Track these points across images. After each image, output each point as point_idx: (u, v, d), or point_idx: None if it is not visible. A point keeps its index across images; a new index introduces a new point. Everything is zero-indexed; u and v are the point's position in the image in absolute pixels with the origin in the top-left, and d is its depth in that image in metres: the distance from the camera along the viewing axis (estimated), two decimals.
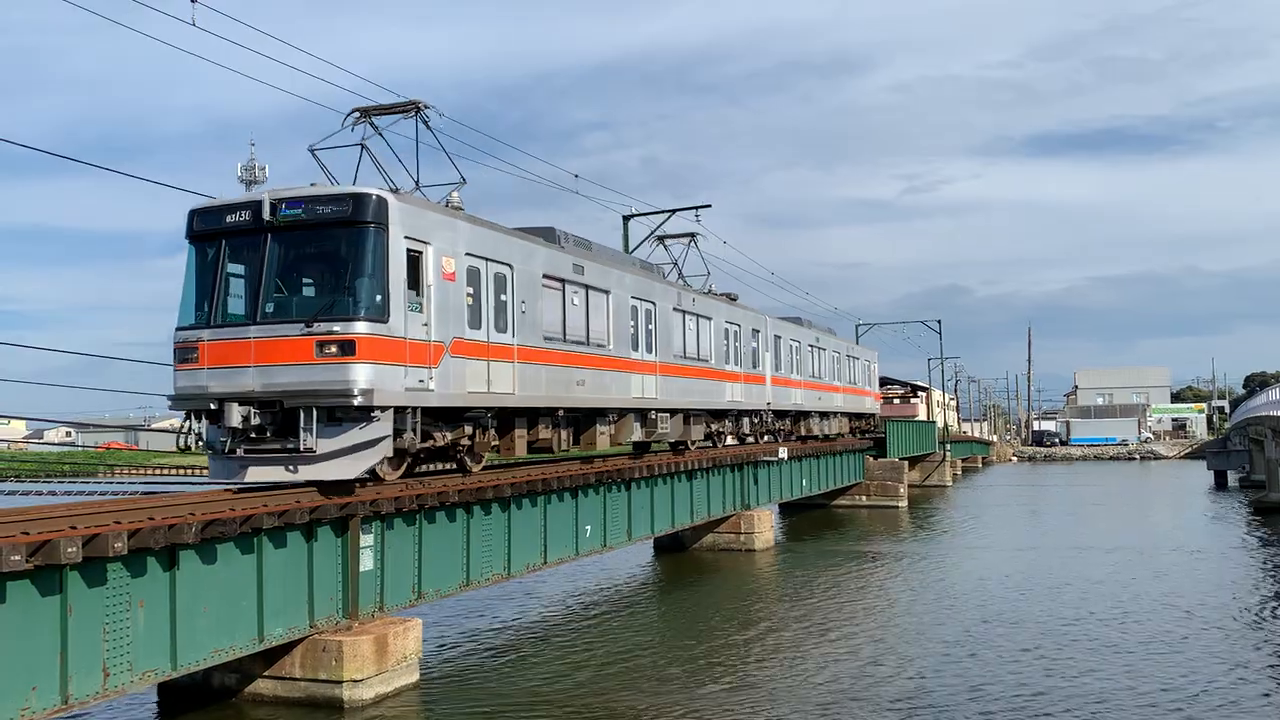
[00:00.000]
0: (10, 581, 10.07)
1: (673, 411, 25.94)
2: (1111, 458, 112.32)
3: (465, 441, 17.50)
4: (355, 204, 14.72)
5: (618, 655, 18.03)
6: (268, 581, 13.51)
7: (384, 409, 14.52)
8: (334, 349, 14.09)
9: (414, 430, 15.41)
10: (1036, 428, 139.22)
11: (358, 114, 17.99)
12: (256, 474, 14.49)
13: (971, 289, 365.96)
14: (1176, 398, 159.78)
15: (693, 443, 27.91)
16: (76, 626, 10.78)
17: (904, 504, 48.10)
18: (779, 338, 35.61)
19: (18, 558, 9.70)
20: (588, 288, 21.16)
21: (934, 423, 73.07)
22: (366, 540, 15.23)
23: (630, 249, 35.22)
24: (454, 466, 18.52)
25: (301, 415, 14.08)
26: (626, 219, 35.54)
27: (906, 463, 51.83)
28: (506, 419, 18.67)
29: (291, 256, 14.99)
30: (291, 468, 14.29)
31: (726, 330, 30.22)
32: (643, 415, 24.21)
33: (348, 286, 14.62)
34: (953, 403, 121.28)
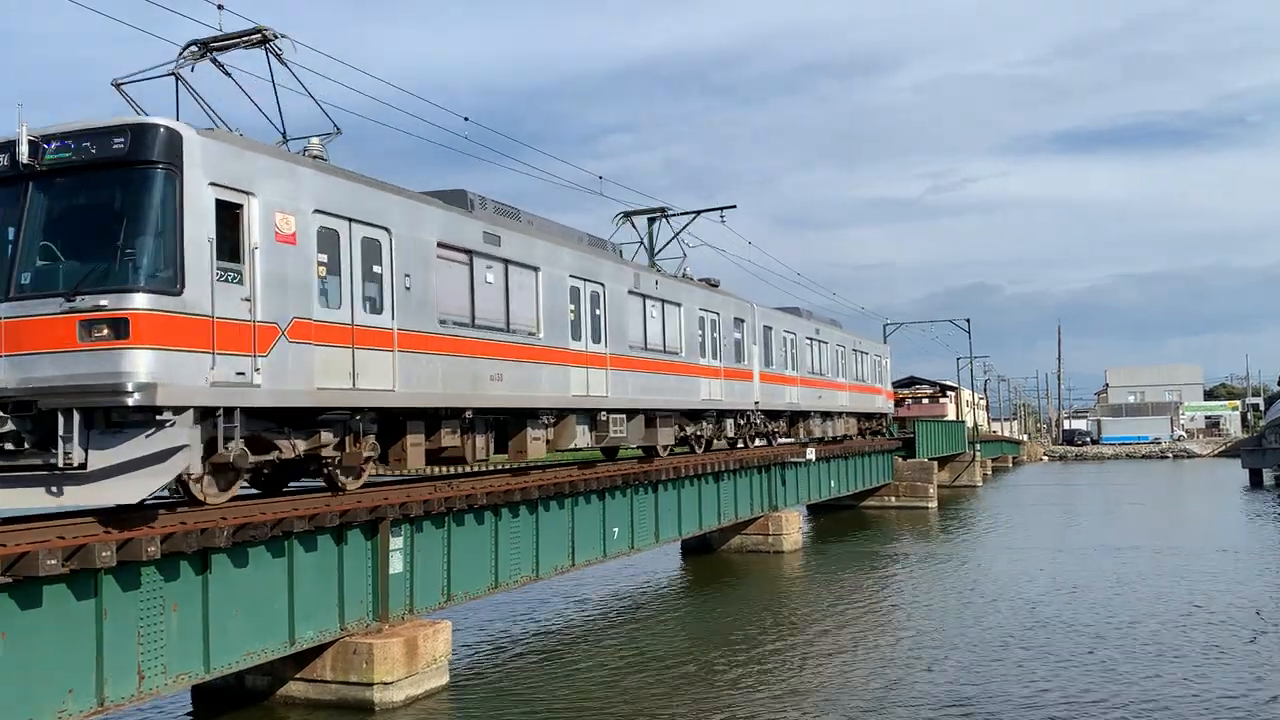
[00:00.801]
0: (47, 585, 10.20)
1: (631, 412, 22.18)
2: (1144, 456, 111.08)
3: (329, 453, 14.20)
4: (135, 139, 11.36)
5: (647, 658, 18.01)
6: (299, 584, 13.60)
7: (179, 410, 11.21)
8: (103, 330, 10.87)
9: (238, 439, 12.15)
10: (1067, 426, 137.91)
11: (196, 47, 14.60)
12: (3, 499, 11.18)
13: (1000, 288, 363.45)
14: (1209, 395, 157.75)
15: (663, 448, 24.73)
16: (111, 630, 10.89)
17: (934, 505, 47.77)
18: (769, 329, 31.90)
19: (54, 562, 9.81)
20: (507, 262, 17.69)
21: (963, 422, 72.55)
22: (396, 543, 15.30)
23: (654, 252, 35.20)
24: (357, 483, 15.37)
25: (61, 420, 10.74)
26: (650, 220, 35.52)
27: (936, 463, 51.48)
28: (394, 423, 15.54)
29: (58, 211, 11.61)
30: (54, 489, 10.94)
31: (702, 319, 26.50)
32: (591, 416, 20.72)
33: (123, 248, 11.20)
34: (982, 402, 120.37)
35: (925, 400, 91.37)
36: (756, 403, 30.26)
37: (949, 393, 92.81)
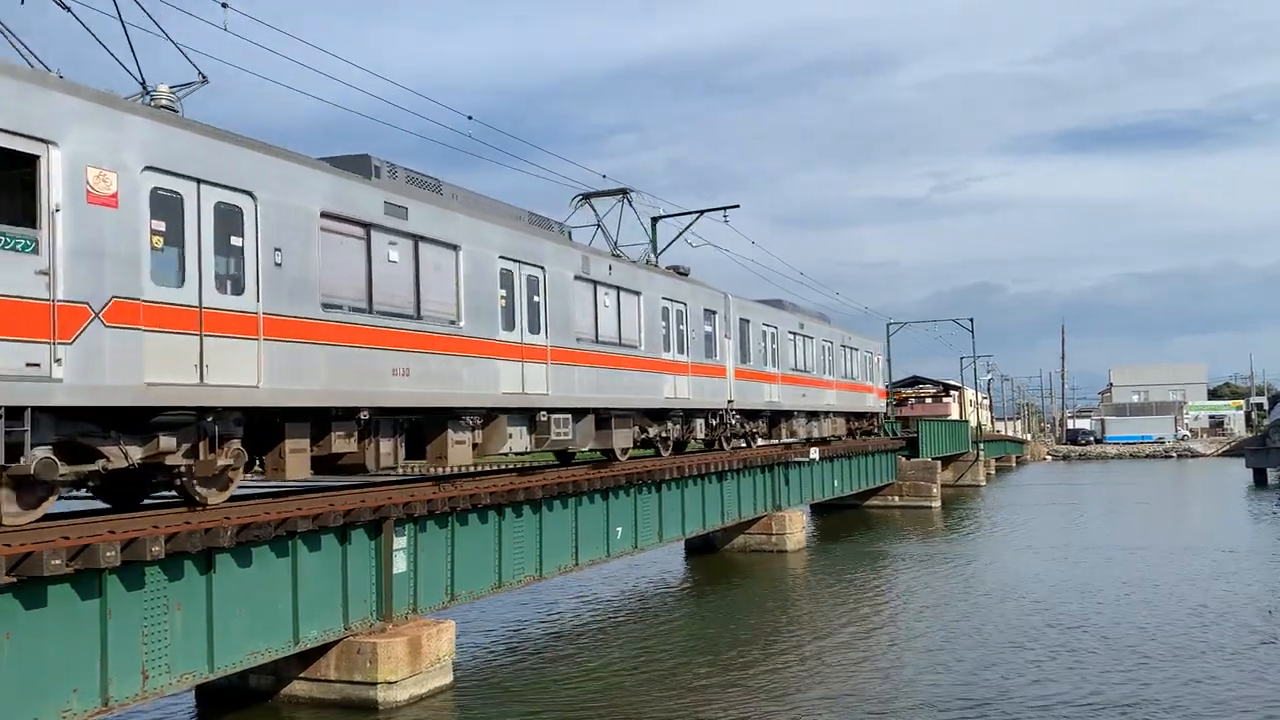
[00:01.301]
0: (51, 585, 10.21)
1: (579, 412, 20.11)
2: (1148, 456, 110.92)
3: (176, 460, 11.99)
4: None
5: (650, 658, 18.01)
6: (302, 584, 13.61)
7: None
8: None
9: (38, 446, 10.15)
10: (1071, 426, 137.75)
11: None
12: None
13: (1003, 287, 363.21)
14: (1214, 395, 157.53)
15: (622, 451, 22.70)
16: (116, 629, 10.90)
17: (937, 504, 47.73)
18: (746, 322, 29.68)
19: (58, 561, 9.82)
20: (418, 239, 15.49)
21: (967, 422, 72.49)
22: (400, 543, 15.30)
23: (658, 251, 35.22)
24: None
25: None
26: (654, 220, 35.56)
27: (939, 462, 51.43)
28: (269, 425, 13.41)
29: None
30: None
31: (666, 309, 24.21)
32: (529, 417, 18.70)
33: None
34: (986, 401, 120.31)
35: (929, 400, 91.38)
36: (731, 401, 28.09)
37: (952, 392, 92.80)
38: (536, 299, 18.73)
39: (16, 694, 9.88)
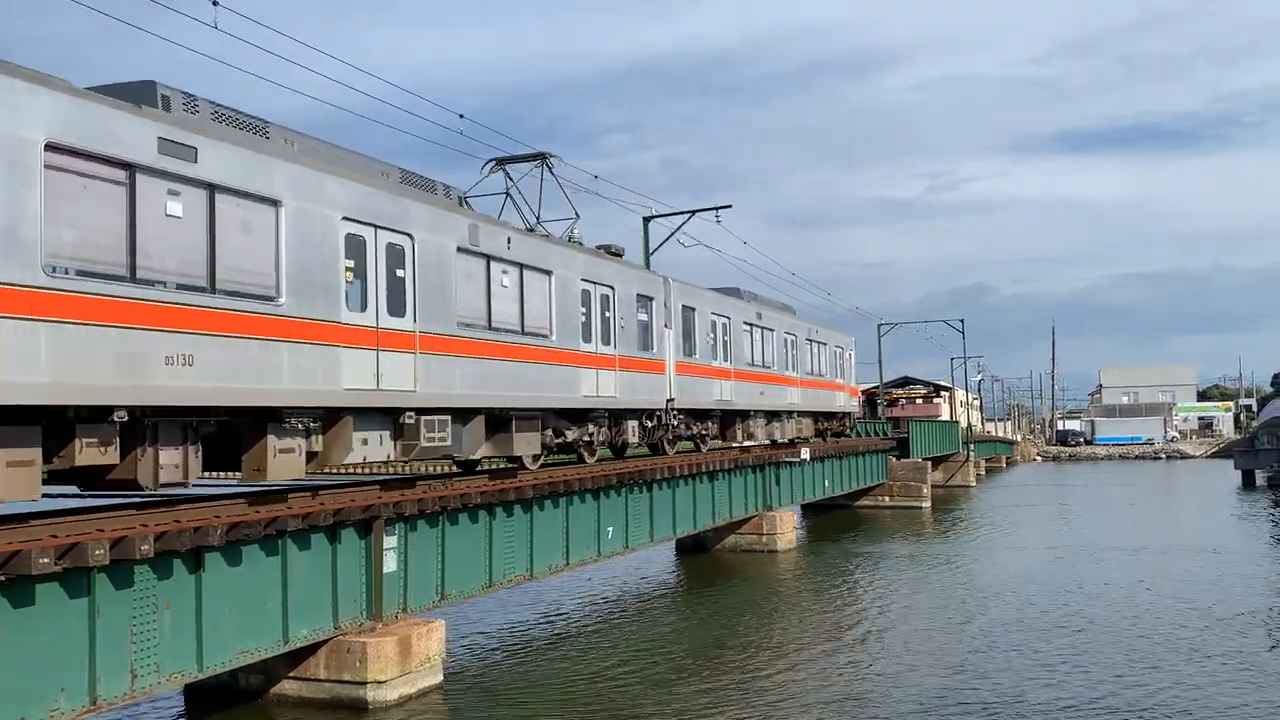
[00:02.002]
0: (39, 584, 10.17)
1: (462, 413, 16.70)
2: (1137, 457, 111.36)
3: None
4: None
5: (640, 657, 18.02)
6: (292, 583, 13.58)
7: None
8: None
9: None
10: (1061, 427, 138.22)
11: None
12: None
13: (996, 287, 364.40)
14: (1203, 396, 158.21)
15: (532, 459, 19.70)
16: (104, 628, 10.87)
17: (927, 504, 47.85)
18: (691, 310, 26.21)
19: (46, 560, 9.79)
20: (213, 188, 12.08)
21: (957, 422, 72.69)
22: (390, 542, 15.28)
23: (650, 251, 35.23)
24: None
25: None
26: (647, 220, 35.57)
27: (930, 463, 51.58)
28: None
29: None
30: None
31: (586, 293, 20.86)
32: (392, 419, 15.13)
33: None
34: (976, 402, 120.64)
35: (920, 400, 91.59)
36: (671, 400, 24.51)
37: (943, 393, 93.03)
38: (400, 273, 15.11)
39: (4, 693, 9.84)
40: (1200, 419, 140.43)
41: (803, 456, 34.45)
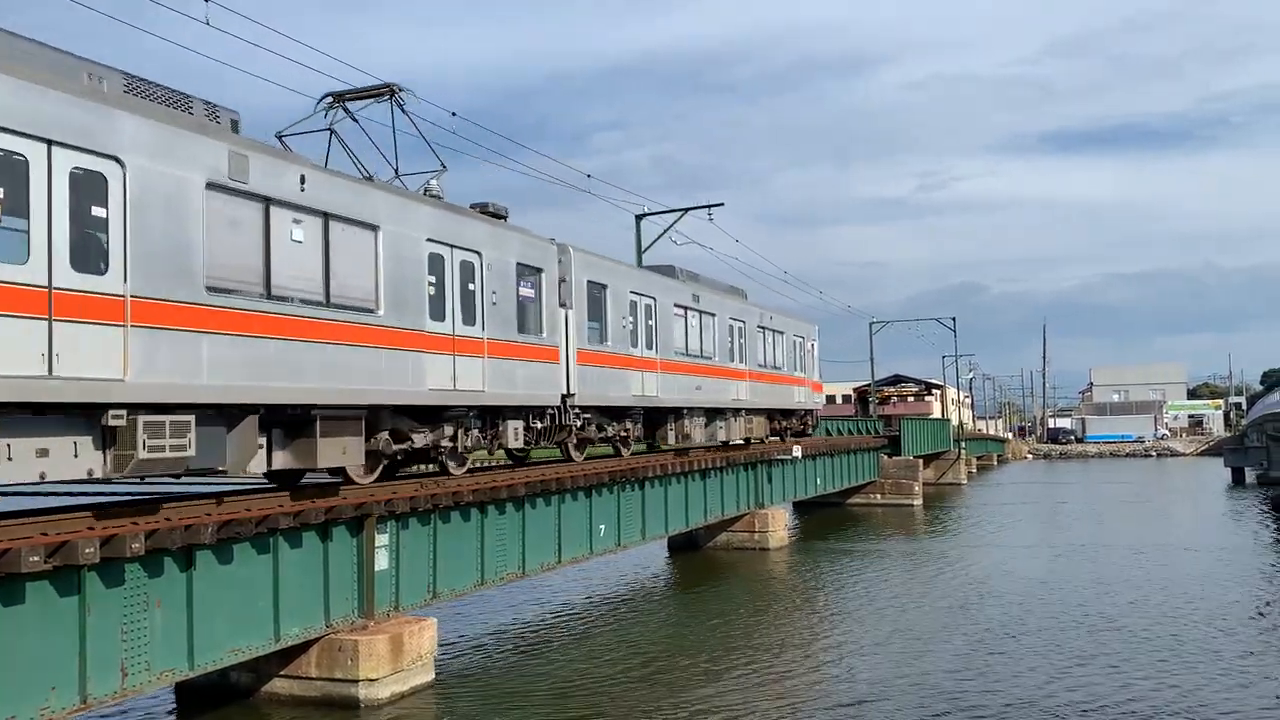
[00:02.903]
0: (29, 582, 10.14)
1: (211, 411, 12.34)
2: (1128, 455, 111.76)
3: None
4: None
5: (632, 654, 18.02)
6: (284, 581, 13.55)
7: None
8: None
9: None
10: (1052, 425, 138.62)
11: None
12: None
13: (987, 286, 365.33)
14: (1193, 394, 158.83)
15: (361, 470, 15.66)
16: (95, 627, 10.84)
17: (919, 502, 47.95)
18: (602, 287, 21.93)
19: (36, 558, 9.76)
20: None
21: (949, 420, 72.85)
22: (381, 540, 15.26)
23: (642, 249, 35.24)
24: None
25: None
26: (639, 218, 35.58)
27: (921, 461, 51.70)
28: None
29: None
30: None
31: (434, 259, 16.34)
32: (94, 419, 10.96)
33: None
34: (968, 400, 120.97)
35: (911, 398, 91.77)
36: (571, 395, 20.38)
37: (935, 391, 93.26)
38: (99, 213, 10.97)
39: None
40: (1190, 417, 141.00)
41: (795, 454, 34.49)
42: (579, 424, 21.12)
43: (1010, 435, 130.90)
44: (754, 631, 19.70)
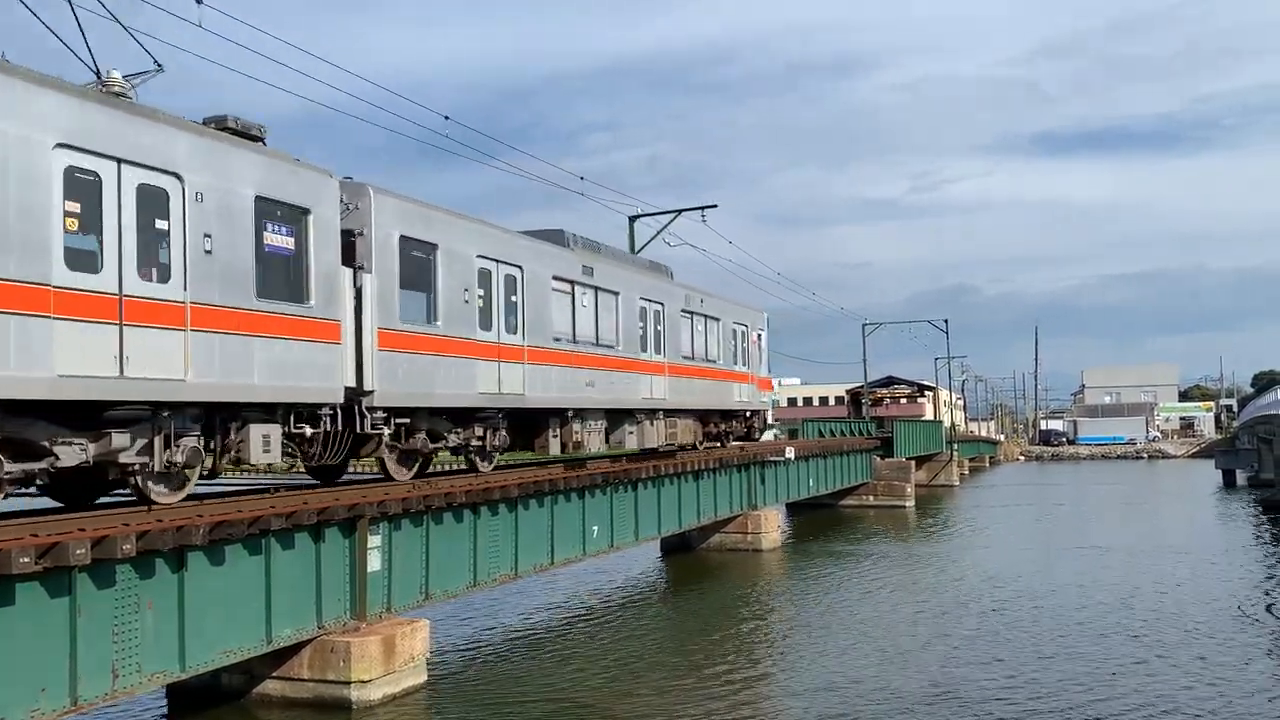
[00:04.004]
0: (20, 584, 10.08)
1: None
2: (1119, 457, 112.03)
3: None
4: None
5: (625, 656, 18.01)
6: (275, 583, 13.51)
7: None
8: None
9: None
10: (1044, 427, 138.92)
11: None
12: None
13: (979, 288, 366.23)
14: (1184, 396, 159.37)
15: None
16: (85, 628, 10.78)
17: (911, 504, 48.01)
18: (428, 248, 16.79)
19: (27, 560, 9.70)
20: None
21: (941, 422, 72.97)
22: (374, 541, 15.22)
23: (636, 249, 35.22)
24: None
25: None
26: (632, 219, 35.59)
27: (913, 462, 51.76)
28: None
29: None
30: None
31: (72, 179, 10.90)
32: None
33: None
34: (960, 402, 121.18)
35: (904, 400, 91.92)
36: (367, 392, 15.31)
37: (927, 392, 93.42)
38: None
39: None
40: (1182, 419, 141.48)
41: (787, 456, 34.51)
42: (387, 430, 15.78)
43: (1003, 437, 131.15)
44: (746, 633, 19.71)
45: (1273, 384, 64.81)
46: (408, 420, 16.48)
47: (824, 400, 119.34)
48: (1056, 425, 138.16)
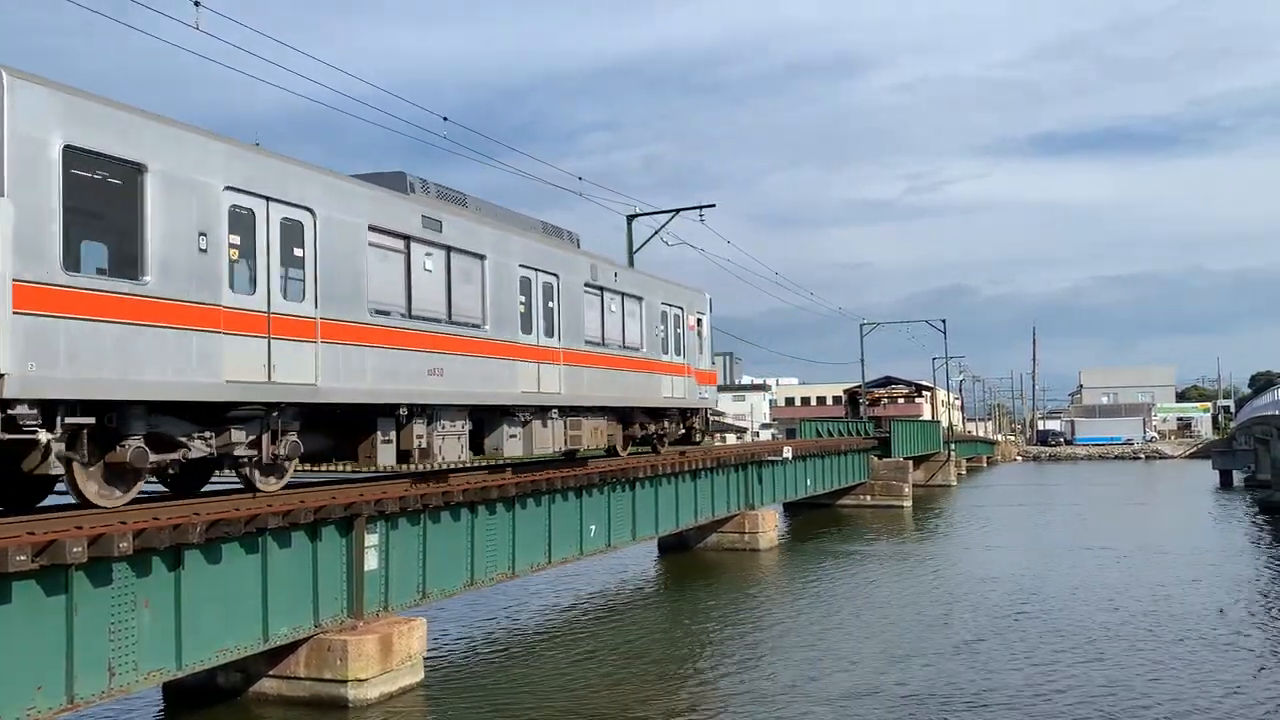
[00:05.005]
0: (16, 581, 10.08)
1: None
2: (1116, 457, 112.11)
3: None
4: None
5: (622, 655, 18.02)
6: (272, 581, 13.51)
7: None
8: None
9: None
10: (1041, 427, 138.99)
11: None
12: None
13: (977, 289, 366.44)
14: (1182, 397, 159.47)
15: None
16: (82, 626, 10.78)
17: (908, 504, 48.03)
18: (135, 172, 11.64)
19: (23, 558, 9.70)
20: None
21: (939, 422, 72.99)
22: (371, 540, 15.22)
23: (634, 249, 35.24)
24: None
25: None
26: (630, 219, 35.58)
27: (911, 462, 51.77)
28: None
29: None
30: None
31: None
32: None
33: None
34: (957, 402, 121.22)
35: (901, 400, 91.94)
36: None
37: (925, 393, 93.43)
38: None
39: None
40: (1179, 420, 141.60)
41: (785, 455, 34.54)
42: (47, 435, 10.64)
43: (1000, 437, 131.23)
44: (742, 632, 19.71)
45: (1270, 385, 64.91)
46: (94, 420, 11.28)
47: (822, 400, 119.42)
48: (1054, 425, 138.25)
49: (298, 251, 13.90)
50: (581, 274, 21.47)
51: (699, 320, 28.00)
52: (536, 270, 19.70)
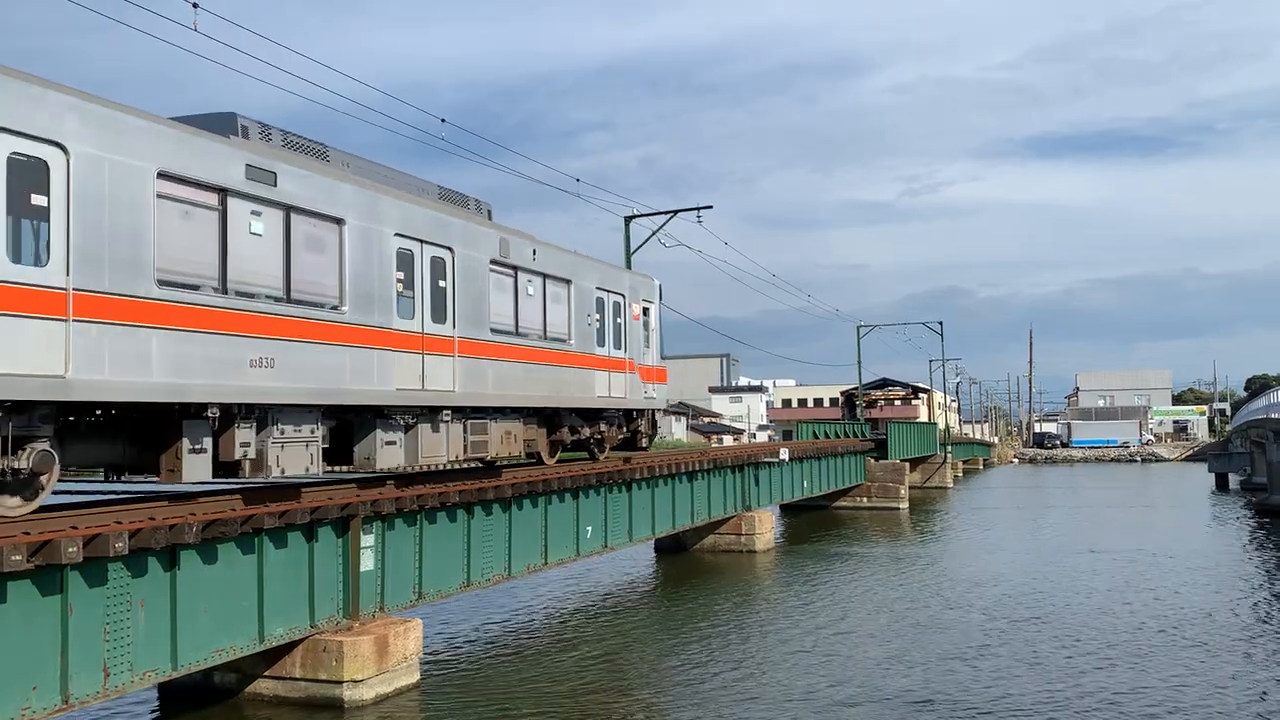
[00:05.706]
0: (11, 581, 10.06)
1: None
2: (1113, 460, 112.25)
3: None
4: None
5: (618, 657, 18.01)
6: (269, 581, 13.49)
7: None
8: None
9: None
10: (1037, 429, 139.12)
11: None
12: None
13: (972, 291, 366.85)
14: (1178, 400, 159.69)
15: None
16: (77, 626, 10.76)
17: (905, 505, 48.06)
18: None
19: (18, 557, 9.68)
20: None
21: (935, 424, 73.05)
22: (367, 540, 15.21)
23: (631, 251, 35.24)
24: None
25: None
26: (628, 220, 35.58)
27: (907, 464, 51.82)
28: None
29: None
30: None
31: None
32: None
33: None
34: (954, 404, 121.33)
35: (898, 402, 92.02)
36: None
37: (921, 395, 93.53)
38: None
39: None
40: (1175, 422, 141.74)
41: (781, 457, 34.54)
42: None
43: (996, 439, 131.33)
44: (738, 634, 19.71)
45: (1265, 388, 64.99)
46: None
47: (818, 402, 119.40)
48: (1050, 428, 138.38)
49: (38, 199, 10.21)
50: (487, 249, 18.15)
51: (645, 309, 24.63)
52: (422, 241, 16.43)
